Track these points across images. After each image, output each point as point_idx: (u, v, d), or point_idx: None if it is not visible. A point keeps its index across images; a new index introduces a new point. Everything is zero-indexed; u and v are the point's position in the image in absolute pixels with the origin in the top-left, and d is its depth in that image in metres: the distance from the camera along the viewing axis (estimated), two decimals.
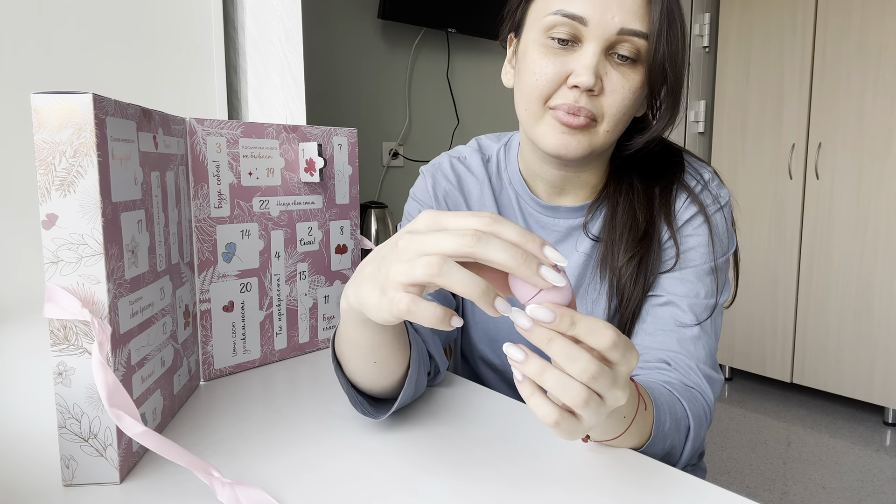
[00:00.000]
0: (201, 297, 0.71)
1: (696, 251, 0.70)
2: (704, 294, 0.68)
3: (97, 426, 0.48)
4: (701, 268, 0.69)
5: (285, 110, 1.43)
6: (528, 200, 0.77)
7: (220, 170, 0.71)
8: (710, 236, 0.70)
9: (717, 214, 0.71)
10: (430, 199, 0.81)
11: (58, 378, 0.47)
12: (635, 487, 0.49)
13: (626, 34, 0.62)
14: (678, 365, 0.65)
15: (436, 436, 0.58)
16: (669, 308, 0.68)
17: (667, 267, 0.70)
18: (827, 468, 2.12)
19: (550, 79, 0.64)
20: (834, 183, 2.57)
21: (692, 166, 0.74)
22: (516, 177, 0.78)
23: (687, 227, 0.71)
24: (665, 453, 0.58)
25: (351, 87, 2.43)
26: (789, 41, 2.67)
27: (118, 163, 0.49)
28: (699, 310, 0.68)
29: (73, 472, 0.48)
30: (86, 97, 0.45)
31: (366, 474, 0.51)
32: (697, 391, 0.64)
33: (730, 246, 0.73)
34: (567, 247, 0.76)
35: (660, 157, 0.75)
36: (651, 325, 0.69)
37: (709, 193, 0.72)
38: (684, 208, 0.71)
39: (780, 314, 2.77)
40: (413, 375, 0.58)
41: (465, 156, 0.83)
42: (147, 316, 0.55)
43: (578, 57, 0.63)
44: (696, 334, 0.67)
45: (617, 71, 0.63)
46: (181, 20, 1.31)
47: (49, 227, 0.45)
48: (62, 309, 0.45)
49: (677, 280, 0.69)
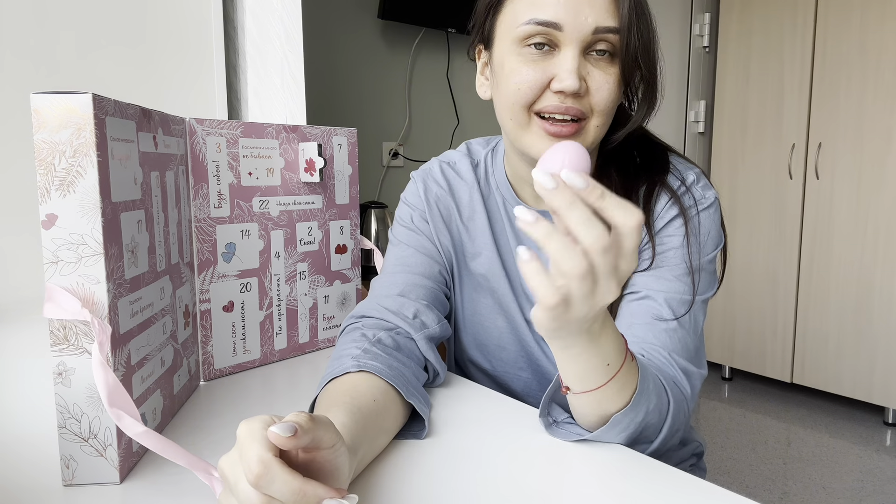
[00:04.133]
0: (201, 297, 0.71)
1: (675, 251, 0.69)
2: (682, 291, 0.68)
3: (97, 426, 0.48)
4: (679, 267, 0.69)
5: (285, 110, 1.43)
6: (514, 205, 0.77)
7: (219, 170, 0.71)
8: (686, 237, 0.69)
9: (701, 215, 0.71)
10: (421, 204, 0.81)
11: (58, 378, 0.47)
12: (634, 486, 0.49)
13: (600, 32, 0.62)
14: (653, 356, 0.65)
15: (433, 433, 0.58)
16: (646, 302, 0.68)
17: (643, 266, 0.70)
18: (827, 468, 2.12)
19: (532, 86, 0.64)
20: (834, 183, 2.57)
21: (677, 168, 0.74)
22: (503, 182, 0.78)
23: (667, 228, 0.70)
24: (645, 425, 0.56)
25: (351, 87, 2.43)
26: (789, 41, 2.67)
27: (118, 163, 0.49)
28: (676, 304, 0.67)
29: (73, 472, 0.48)
30: (85, 97, 0.45)
31: (366, 474, 0.51)
32: (672, 382, 0.63)
33: (717, 244, 0.72)
34: None
35: (645, 157, 0.75)
36: (627, 319, 0.68)
37: (691, 196, 0.71)
38: (665, 210, 0.71)
39: (780, 314, 2.77)
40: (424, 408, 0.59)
41: (455, 161, 0.83)
42: (147, 316, 0.55)
43: (559, 62, 0.63)
44: (673, 328, 0.66)
45: (597, 68, 0.64)
46: (181, 20, 1.31)
47: (49, 227, 0.45)
48: (62, 309, 0.45)
49: (654, 278, 0.68)
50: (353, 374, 0.59)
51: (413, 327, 0.69)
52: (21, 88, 1.12)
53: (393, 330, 0.69)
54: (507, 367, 0.81)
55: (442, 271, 0.79)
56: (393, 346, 0.66)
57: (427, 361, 0.69)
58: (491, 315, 0.80)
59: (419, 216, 0.80)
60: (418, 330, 0.70)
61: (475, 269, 0.79)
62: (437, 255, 0.79)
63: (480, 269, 0.79)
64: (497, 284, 0.78)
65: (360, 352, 0.62)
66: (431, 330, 0.71)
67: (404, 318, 0.70)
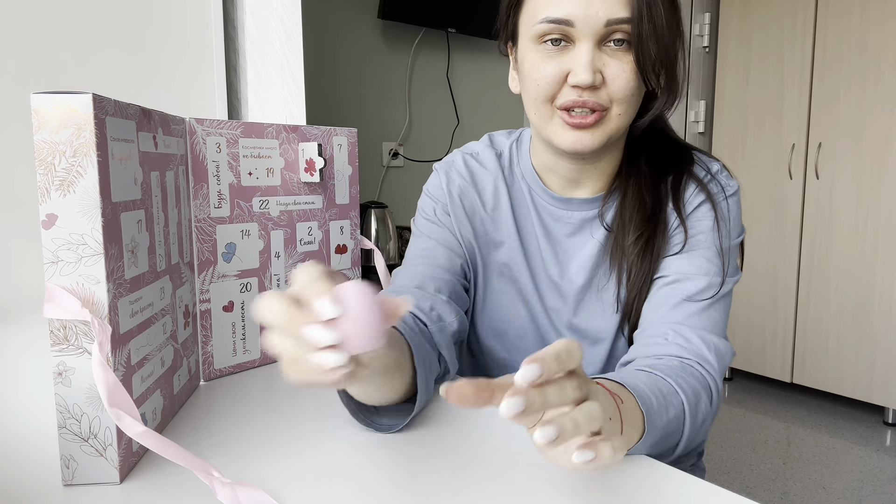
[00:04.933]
0: (201, 297, 0.71)
1: (704, 235, 0.71)
2: (713, 272, 0.69)
3: (97, 426, 0.48)
4: (709, 250, 0.71)
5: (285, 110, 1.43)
6: (540, 193, 0.78)
7: (219, 170, 0.71)
8: (716, 221, 0.72)
9: (725, 202, 0.73)
10: (444, 197, 0.81)
11: (58, 378, 0.47)
12: (634, 487, 0.49)
13: (613, 24, 0.63)
14: (678, 336, 0.65)
15: (435, 436, 0.58)
16: (676, 285, 0.69)
17: (674, 251, 0.71)
18: (827, 468, 2.12)
19: (551, 80, 0.66)
20: (834, 183, 2.57)
21: (701, 160, 0.77)
22: (529, 171, 0.79)
23: (696, 213, 0.73)
24: (668, 433, 0.56)
25: (351, 87, 2.43)
26: (789, 41, 2.67)
27: (118, 163, 0.49)
28: (706, 286, 0.69)
29: (73, 472, 0.48)
30: (85, 97, 0.45)
31: (366, 475, 0.51)
32: (695, 362, 0.63)
33: (741, 231, 0.75)
34: (582, 237, 0.77)
35: (670, 152, 0.77)
36: (657, 301, 0.70)
37: (717, 183, 0.74)
38: (693, 196, 0.73)
39: (780, 314, 2.77)
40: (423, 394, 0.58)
41: (478, 152, 0.84)
42: (147, 316, 0.55)
43: (574, 56, 0.65)
44: (704, 307, 0.68)
45: (614, 58, 0.65)
46: (181, 20, 1.31)
47: (49, 227, 0.45)
48: (62, 309, 0.45)
49: (685, 261, 0.70)
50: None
51: (430, 319, 0.69)
52: (22, 89, 1.12)
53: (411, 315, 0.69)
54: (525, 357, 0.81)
55: (463, 265, 0.80)
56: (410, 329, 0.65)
57: (440, 354, 0.68)
58: (512, 304, 0.80)
59: (441, 209, 0.81)
60: (434, 322, 0.69)
61: (498, 258, 0.80)
62: (459, 247, 0.80)
63: (503, 258, 0.80)
64: (519, 273, 0.79)
65: None
66: (447, 323, 0.70)
67: (421, 309, 0.70)
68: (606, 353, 0.77)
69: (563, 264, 0.78)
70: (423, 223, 0.82)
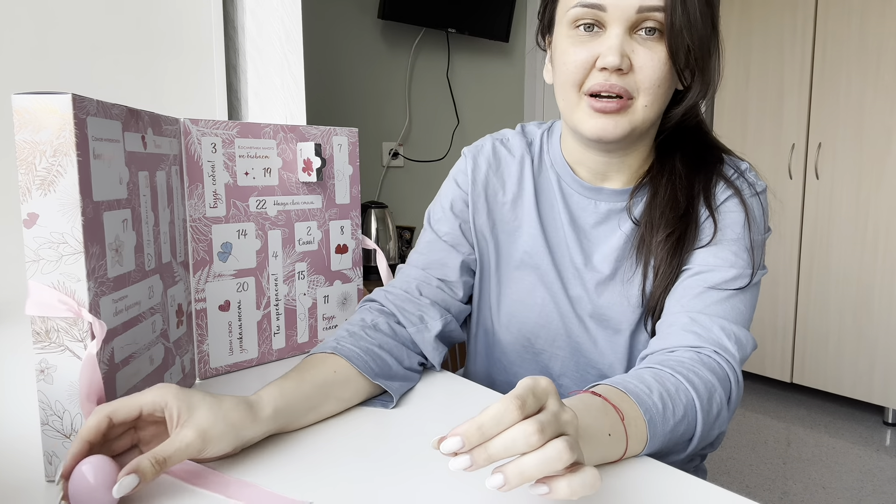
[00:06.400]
0: (196, 297, 0.71)
1: (731, 228, 0.72)
2: (740, 265, 0.69)
3: (79, 423, 0.48)
4: (736, 243, 0.71)
5: (285, 110, 1.43)
6: (570, 182, 0.79)
7: (215, 170, 0.71)
8: (745, 215, 0.72)
9: (755, 198, 0.74)
10: (467, 185, 0.82)
11: (40, 375, 0.47)
12: (635, 487, 0.49)
13: (644, 11, 0.64)
14: (695, 324, 0.65)
15: (436, 435, 0.58)
16: (701, 276, 0.70)
17: (702, 243, 0.72)
18: (827, 468, 2.12)
19: (580, 65, 0.67)
20: (834, 183, 2.57)
21: (731, 159, 0.78)
22: (559, 160, 0.80)
23: (724, 206, 0.73)
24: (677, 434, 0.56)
25: (351, 87, 2.43)
26: (789, 41, 2.67)
27: (101, 162, 0.49)
28: (732, 277, 0.69)
29: (55, 468, 0.48)
30: (65, 97, 0.45)
31: (366, 475, 0.51)
32: (711, 350, 0.63)
33: (768, 229, 0.75)
34: (608, 227, 0.77)
35: (701, 151, 0.78)
36: (679, 292, 0.70)
37: (745, 181, 0.75)
38: (722, 191, 0.74)
39: (780, 314, 2.77)
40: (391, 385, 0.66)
41: (508, 138, 0.85)
42: (133, 314, 0.55)
43: (604, 40, 0.66)
44: (726, 296, 0.68)
45: (643, 46, 0.66)
46: (181, 21, 1.31)
47: (30, 226, 0.46)
48: (43, 306, 0.46)
49: (711, 254, 0.70)
50: (327, 353, 0.64)
51: (410, 322, 0.73)
52: (18, 90, 1.12)
53: (392, 317, 0.74)
54: (546, 345, 0.82)
55: (466, 259, 0.81)
56: (388, 333, 0.71)
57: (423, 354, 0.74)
58: (534, 291, 0.81)
59: (461, 200, 0.82)
60: (414, 325, 0.73)
61: (518, 246, 0.81)
62: (465, 243, 0.82)
63: (524, 246, 0.81)
64: (540, 261, 0.80)
65: (346, 334, 0.67)
66: (431, 326, 0.74)
67: (405, 313, 0.74)
68: (627, 341, 0.77)
69: (587, 253, 0.78)
70: (437, 212, 0.84)
